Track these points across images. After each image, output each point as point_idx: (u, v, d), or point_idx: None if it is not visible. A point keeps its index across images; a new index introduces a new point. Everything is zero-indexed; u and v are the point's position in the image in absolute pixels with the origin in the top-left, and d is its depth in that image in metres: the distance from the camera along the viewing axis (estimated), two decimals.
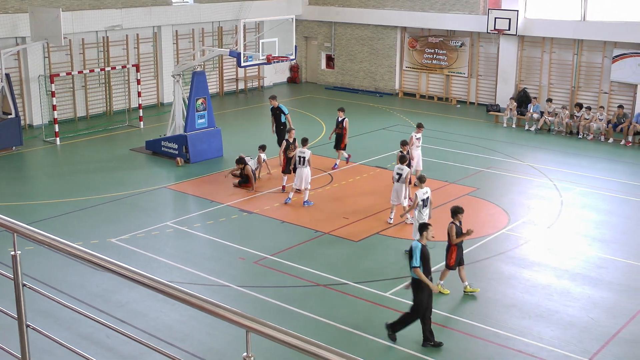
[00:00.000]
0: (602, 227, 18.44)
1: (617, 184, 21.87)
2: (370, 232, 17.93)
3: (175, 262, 16.10)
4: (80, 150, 25.79)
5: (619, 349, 12.65)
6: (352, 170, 22.89)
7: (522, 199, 20.50)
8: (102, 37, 30.66)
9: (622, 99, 29.26)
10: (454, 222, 14.26)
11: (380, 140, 27.08)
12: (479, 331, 13.22)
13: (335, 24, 37.94)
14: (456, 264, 14.47)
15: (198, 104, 24.09)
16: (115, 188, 21.28)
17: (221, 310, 3.36)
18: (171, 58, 33.07)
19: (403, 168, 18.24)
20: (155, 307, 13.80)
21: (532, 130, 28.64)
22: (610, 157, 25.10)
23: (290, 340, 3.16)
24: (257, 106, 33.84)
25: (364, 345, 12.59)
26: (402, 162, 18.44)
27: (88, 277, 15.04)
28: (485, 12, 32.25)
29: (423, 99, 35.41)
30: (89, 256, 3.87)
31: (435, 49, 34.70)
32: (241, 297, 14.46)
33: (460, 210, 14.41)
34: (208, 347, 12.51)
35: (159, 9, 32.07)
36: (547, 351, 12.50)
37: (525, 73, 32.32)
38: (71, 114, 30.13)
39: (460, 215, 14.34)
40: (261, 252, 16.60)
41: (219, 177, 22.44)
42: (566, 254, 16.89)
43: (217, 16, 34.46)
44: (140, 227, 18.16)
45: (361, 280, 15.16)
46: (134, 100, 30.81)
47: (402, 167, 18.26)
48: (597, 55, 30.15)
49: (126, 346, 12.34)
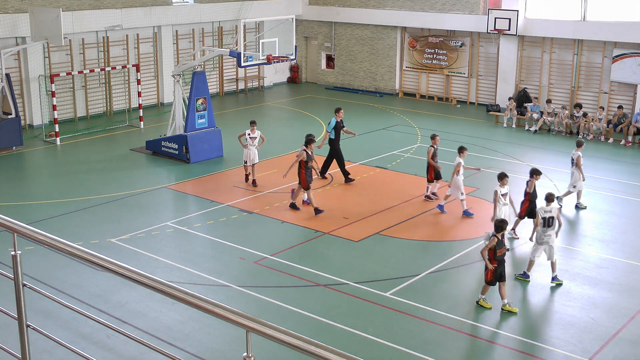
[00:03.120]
0: (602, 227, 18.44)
1: (617, 184, 21.88)
2: (370, 232, 17.93)
3: (175, 262, 16.10)
4: (81, 150, 25.80)
5: (619, 349, 12.65)
6: (352, 170, 22.87)
7: (522, 199, 20.48)
8: (102, 37, 30.67)
9: (622, 99, 29.26)
10: (497, 235, 13.65)
11: (381, 140, 27.07)
12: (479, 331, 13.22)
13: (336, 24, 37.94)
14: (495, 279, 13.81)
15: (198, 104, 24.09)
16: (115, 188, 21.28)
17: (221, 310, 3.36)
18: (171, 58, 33.07)
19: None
20: (155, 307, 13.80)
21: (532, 130, 28.64)
22: (610, 157, 25.11)
23: (290, 340, 3.16)
24: (257, 106, 33.85)
25: (363, 346, 12.59)
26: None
27: (88, 277, 15.05)
28: (485, 12, 32.25)
29: (423, 99, 35.41)
30: (89, 256, 3.87)
31: (436, 49, 34.71)
32: (241, 297, 14.46)
33: (504, 226, 13.87)
34: (208, 347, 12.51)
35: (159, 9, 32.07)
36: (547, 351, 12.50)
37: (525, 73, 32.32)
38: (71, 114, 30.13)
39: (504, 231, 13.82)
40: (261, 252, 16.60)
41: (219, 176, 22.45)
42: (566, 254, 16.88)
43: (217, 16, 34.46)
44: (140, 227, 18.16)
45: (361, 280, 15.16)
46: (134, 100, 30.82)
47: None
48: (597, 55, 30.15)
49: (126, 346, 12.34)
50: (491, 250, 13.65)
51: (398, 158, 24.52)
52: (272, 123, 31.47)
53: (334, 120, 21.91)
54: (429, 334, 13.07)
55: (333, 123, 21.88)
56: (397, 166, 23.62)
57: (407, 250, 16.97)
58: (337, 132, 21.92)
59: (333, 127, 21.86)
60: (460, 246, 17.11)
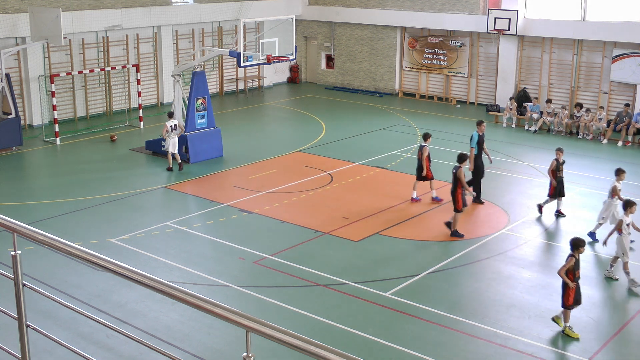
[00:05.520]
0: (602, 228, 18.41)
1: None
2: (370, 232, 17.93)
3: (175, 262, 16.11)
4: (80, 150, 25.80)
5: (619, 349, 12.66)
6: (351, 171, 22.88)
7: (522, 199, 20.50)
8: (102, 37, 30.67)
9: (622, 99, 29.27)
10: (574, 255, 13.01)
11: (380, 140, 27.08)
12: (479, 331, 13.23)
13: (335, 24, 37.94)
14: (575, 303, 13.10)
15: (198, 104, 24.09)
16: (115, 188, 21.28)
17: (221, 310, 3.36)
18: (171, 58, 33.07)
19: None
20: (155, 307, 13.80)
21: (532, 130, 28.65)
22: (610, 158, 25.09)
23: (290, 340, 3.16)
24: (257, 106, 33.86)
25: (363, 345, 12.60)
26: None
27: (88, 277, 15.05)
28: (485, 12, 32.26)
29: (423, 99, 35.42)
30: (88, 256, 3.87)
31: (435, 49, 34.71)
32: (241, 297, 14.46)
33: (582, 244, 13.07)
34: (208, 347, 12.51)
35: (158, 9, 32.07)
36: (547, 351, 12.51)
37: (525, 73, 32.32)
38: (71, 114, 30.13)
39: (581, 248, 13.04)
40: (261, 252, 16.60)
41: (219, 176, 22.46)
42: (566, 254, 16.86)
43: (217, 16, 34.47)
44: (140, 227, 18.16)
45: (361, 280, 15.16)
46: (134, 100, 30.82)
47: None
48: (597, 55, 30.16)
49: (126, 346, 12.34)
50: (570, 271, 12.95)
51: (398, 158, 24.53)
52: (271, 123, 31.51)
53: (475, 134, 19.93)
54: (428, 334, 13.07)
55: (476, 137, 19.89)
56: (396, 166, 23.62)
57: (407, 250, 16.97)
58: (480, 147, 19.92)
59: (477, 141, 19.88)
60: (460, 246, 17.11)
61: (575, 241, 13.02)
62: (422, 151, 19.89)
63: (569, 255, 13.03)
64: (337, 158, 24.29)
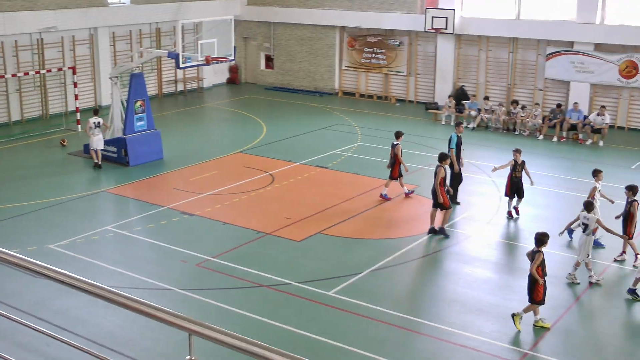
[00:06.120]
0: (538, 221, 18.83)
1: (552, 179, 22.39)
2: (312, 232, 17.98)
3: (116, 266, 15.89)
4: (16, 155, 25.24)
5: (555, 340, 12.98)
6: (292, 171, 22.91)
7: (462, 195, 20.79)
8: (36, 39, 30.05)
9: (556, 96, 30.01)
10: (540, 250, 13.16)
11: (321, 139, 27.17)
12: (421, 327, 13.39)
13: (274, 24, 37.91)
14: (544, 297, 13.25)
15: (137, 106, 23.81)
16: (53, 193, 20.89)
17: (163, 313, 3.36)
18: (108, 60, 32.58)
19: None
20: (97, 313, 13.60)
21: (470, 127, 29.10)
22: (546, 153, 25.68)
23: (232, 341, 3.17)
24: (197, 107, 33.62)
25: (308, 345, 12.64)
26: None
27: (26, 285, 14.73)
28: (423, 11, 32.65)
29: (362, 97, 35.66)
30: (26, 263, 3.82)
31: (374, 48, 34.98)
32: (183, 300, 14.36)
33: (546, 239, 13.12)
34: (151, 352, 12.39)
35: (94, 10, 31.56)
36: (488, 344, 12.73)
37: (463, 71, 32.83)
38: (5, 118, 29.45)
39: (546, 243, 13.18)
40: (203, 254, 16.50)
41: (159, 179, 22.24)
42: (505, 248, 17.22)
43: (155, 17, 34.09)
44: (80, 232, 17.86)
45: (304, 280, 15.20)
46: (71, 104, 30.28)
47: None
48: (532, 53, 30.86)
49: (67, 354, 12.13)
50: (539, 267, 13.05)
51: (339, 157, 24.64)
52: (212, 124, 31.35)
53: (454, 136, 19.83)
54: (373, 332, 13.17)
55: (455, 139, 19.77)
56: (337, 165, 23.73)
57: (349, 249, 17.07)
58: (458, 149, 19.87)
59: (456, 143, 19.77)
60: (401, 243, 17.29)
61: (540, 236, 13.10)
62: (396, 149, 20.09)
63: (536, 251, 13.14)
64: (278, 158, 24.29)
